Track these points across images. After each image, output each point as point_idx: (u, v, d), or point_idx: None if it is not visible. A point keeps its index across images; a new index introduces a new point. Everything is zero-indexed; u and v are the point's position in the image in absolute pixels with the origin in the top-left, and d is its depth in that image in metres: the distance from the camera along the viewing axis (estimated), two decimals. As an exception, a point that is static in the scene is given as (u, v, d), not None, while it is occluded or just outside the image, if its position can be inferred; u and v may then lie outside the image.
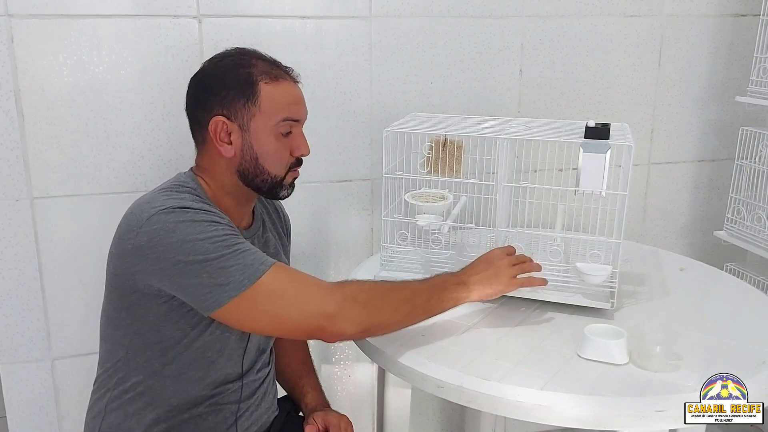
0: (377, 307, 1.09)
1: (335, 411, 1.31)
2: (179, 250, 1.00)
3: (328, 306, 1.04)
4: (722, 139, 2.03)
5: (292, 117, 1.15)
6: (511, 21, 1.76)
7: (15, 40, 1.46)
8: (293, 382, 1.37)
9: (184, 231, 1.01)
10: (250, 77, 1.12)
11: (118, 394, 1.13)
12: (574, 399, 1.01)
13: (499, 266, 1.20)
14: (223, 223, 1.05)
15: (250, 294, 1.01)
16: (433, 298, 1.14)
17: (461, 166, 1.39)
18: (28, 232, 1.55)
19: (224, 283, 1.00)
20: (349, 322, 1.05)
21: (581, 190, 1.24)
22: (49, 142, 1.52)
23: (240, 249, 1.02)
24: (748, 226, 1.90)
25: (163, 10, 1.53)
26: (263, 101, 1.12)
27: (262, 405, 1.24)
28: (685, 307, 1.35)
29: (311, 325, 1.04)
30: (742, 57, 1.96)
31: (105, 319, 1.15)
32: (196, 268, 1.00)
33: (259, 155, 1.14)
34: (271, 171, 1.15)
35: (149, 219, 1.02)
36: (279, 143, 1.15)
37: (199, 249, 1.00)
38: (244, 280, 1.00)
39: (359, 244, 1.81)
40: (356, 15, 1.66)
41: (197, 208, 1.04)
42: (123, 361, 1.12)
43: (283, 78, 1.15)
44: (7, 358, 1.60)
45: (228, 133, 1.13)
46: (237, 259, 1.01)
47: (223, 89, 1.12)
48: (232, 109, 1.12)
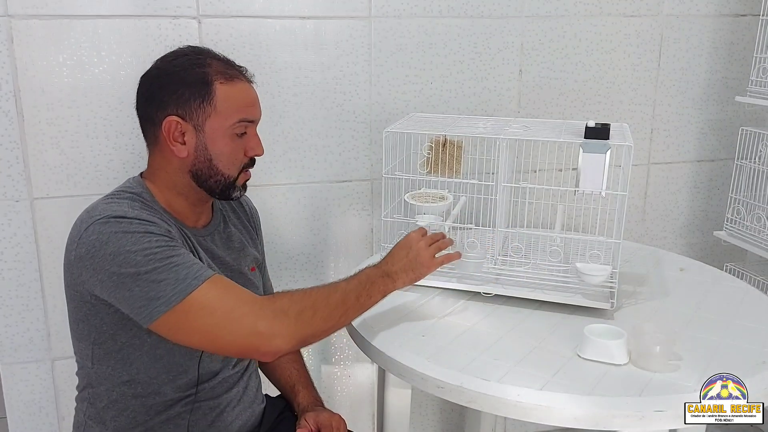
0: (308, 318, 1.06)
1: (327, 410, 1.30)
2: (113, 261, 0.99)
3: (259, 324, 1.01)
4: (722, 139, 2.03)
5: (247, 118, 1.14)
6: (510, 21, 1.76)
7: (15, 40, 1.46)
8: (284, 381, 1.37)
9: (116, 243, 0.99)
10: (205, 77, 1.10)
11: (92, 404, 1.13)
12: (574, 399, 1.01)
13: (417, 250, 1.21)
14: (157, 234, 1.02)
15: (181, 309, 0.98)
16: (362, 296, 1.14)
17: (461, 166, 1.39)
18: (28, 232, 1.55)
19: (155, 298, 0.98)
20: (282, 339, 1.02)
21: (581, 191, 1.24)
22: (49, 142, 1.52)
23: (173, 262, 1.00)
24: (748, 226, 1.90)
25: (162, 10, 1.53)
26: (219, 102, 1.10)
27: (244, 399, 1.22)
28: (685, 307, 1.35)
29: (244, 345, 1.02)
30: (742, 57, 1.96)
31: (72, 332, 1.14)
32: (128, 281, 0.99)
33: (213, 156, 1.12)
34: (225, 172, 1.14)
35: (86, 229, 1.02)
36: (234, 144, 1.13)
37: (131, 261, 0.98)
38: (174, 295, 0.98)
39: (359, 244, 1.81)
40: (356, 15, 1.66)
41: (132, 217, 1.02)
42: (91, 372, 1.12)
43: (238, 78, 1.14)
44: (7, 358, 1.60)
45: (182, 133, 1.11)
46: (169, 273, 0.99)
47: (179, 88, 1.10)
48: (186, 109, 1.10)
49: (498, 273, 1.39)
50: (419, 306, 1.34)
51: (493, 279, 1.38)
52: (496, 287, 1.35)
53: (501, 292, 1.35)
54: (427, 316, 1.30)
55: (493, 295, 1.36)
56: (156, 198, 1.13)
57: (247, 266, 1.26)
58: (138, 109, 1.16)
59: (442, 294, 1.39)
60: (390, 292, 1.18)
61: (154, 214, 1.07)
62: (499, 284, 1.37)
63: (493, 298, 1.35)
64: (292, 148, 1.68)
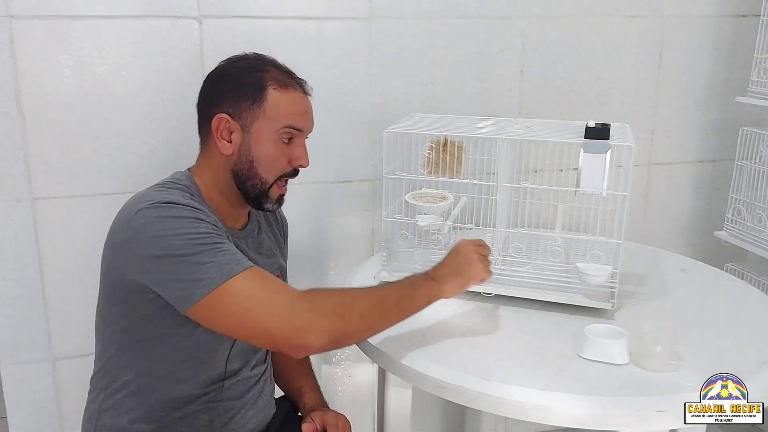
0: (344, 315, 1.04)
1: (333, 410, 1.31)
2: (158, 244, 1.00)
3: (295, 317, 1.00)
4: (723, 139, 2.03)
5: (294, 126, 1.16)
6: (511, 22, 1.76)
7: (16, 41, 1.46)
8: (291, 383, 1.37)
9: (166, 226, 1.01)
10: (260, 80, 1.14)
11: (110, 393, 1.13)
12: (575, 399, 1.01)
13: (466, 254, 1.18)
14: (206, 221, 1.04)
15: (222, 292, 0.99)
16: (404, 298, 1.10)
17: (462, 166, 1.39)
18: (29, 233, 1.55)
19: (198, 279, 0.99)
20: (315, 334, 1.01)
21: (582, 191, 1.24)
22: (51, 143, 1.52)
23: (219, 248, 1.01)
24: (749, 226, 1.90)
25: (163, 11, 1.53)
26: (268, 106, 1.13)
27: (258, 403, 1.23)
28: (686, 307, 1.35)
29: (278, 335, 1.01)
30: (743, 57, 1.96)
31: (98, 317, 1.16)
32: (172, 262, 1.00)
33: (255, 158, 1.14)
34: (263, 176, 1.16)
35: (137, 213, 1.03)
36: (277, 150, 1.15)
37: (177, 244, 1.00)
38: (216, 278, 0.99)
39: (360, 244, 1.81)
40: (357, 16, 1.66)
41: (184, 204, 1.04)
42: (113, 359, 1.12)
43: (293, 87, 1.16)
44: (8, 358, 1.60)
45: (229, 132, 1.14)
46: (213, 257, 1.00)
47: (233, 88, 1.14)
48: (237, 109, 1.14)
49: (499, 273, 1.39)
50: (420, 306, 1.34)
51: (493, 279, 1.38)
52: (497, 287, 1.36)
53: (501, 292, 1.35)
54: (428, 316, 1.29)
55: (493, 295, 1.36)
56: (202, 193, 1.15)
57: (273, 273, 1.27)
58: (197, 105, 1.20)
59: (442, 294, 1.38)
60: (436, 297, 1.14)
61: (202, 206, 1.09)
62: (500, 284, 1.37)
63: (494, 298, 1.35)
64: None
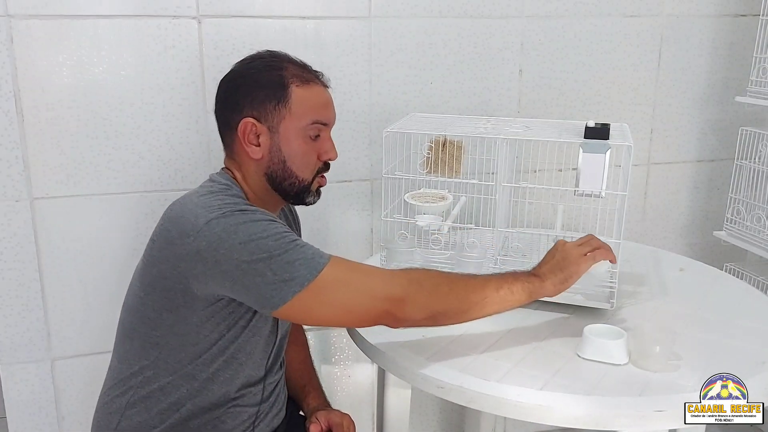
0: (444, 293, 1.06)
1: (338, 410, 1.31)
2: (243, 250, 0.99)
3: (395, 290, 1.04)
4: (722, 139, 2.03)
5: (321, 120, 1.15)
6: (510, 21, 1.76)
7: (15, 40, 1.46)
8: (295, 383, 1.37)
9: (246, 232, 1.00)
10: (281, 79, 1.12)
11: (143, 392, 1.11)
12: (574, 399, 1.01)
13: (565, 250, 1.18)
14: (278, 221, 1.05)
15: (315, 286, 1.00)
16: (503, 288, 1.11)
17: (461, 166, 1.39)
18: (28, 232, 1.55)
19: (289, 279, 0.99)
20: (415, 307, 1.04)
21: (581, 191, 1.24)
22: (49, 142, 1.52)
23: (299, 244, 1.02)
24: (748, 226, 1.90)
25: (162, 10, 1.53)
26: (294, 103, 1.12)
27: (275, 407, 1.23)
28: (685, 307, 1.35)
29: (378, 310, 1.04)
30: (742, 57, 1.96)
31: (138, 319, 1.12)
32: (261, 266, 0.99)
33: (287, 158, 1.13)
34: (299, 174, 1.15)
35: (208, 223, 1.00)
36: (307, 146, 1.15)
37: (263, 247, 0.99)
38: (307, 274, 1.00)
39: (359, 244, 1.81)
40: (356, 15, 1.66)
41: (254, 209, 1.05)
42: (155, 360, 1.10)
43: (313, 82, 1.16)
44: (7, 358, 1.60)
45: (257, 135, 1.12)
46: (299, 254, 1.01)
47: (254, 90, 1.12)
48: (262, 111, 1.12)
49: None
50: (419, 306, 1.34)
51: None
52: (496, 287, 1.35)
53: (501, 292, 1.35)
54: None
55: (493, 295, 1.35)
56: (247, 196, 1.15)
57: None
58: (216, 112, 1.18)
59: (442, 294, 1.38)
60: (538, 293, 1.14)
61: None
62: (499, 284, 1.36)
63: (493, 298, 1.35)
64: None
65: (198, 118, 1.59)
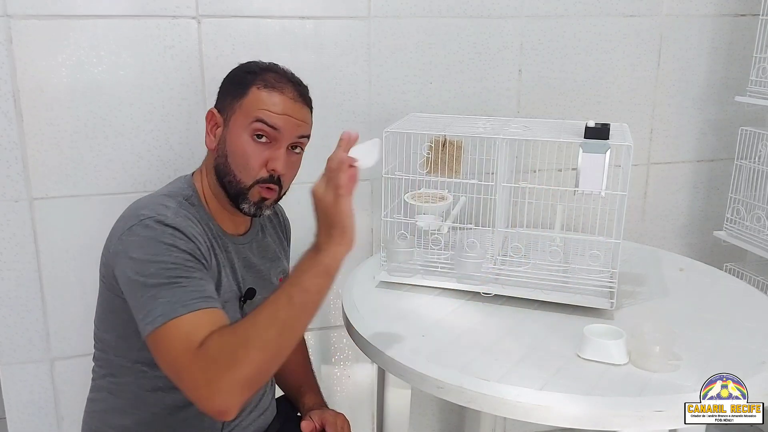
0: (243, 357, 0.91)
1: (332, 409, 1.31)
2: (133, 266, 1.00)
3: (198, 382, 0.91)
4: (721, 139, 2.03)
5: (265, 120, 1.10)
6: (510, 21, 1.76)
7: (14, 40, 1.45)
8: (291, 383, 1.37)
9: (144, 249, 1.00)
10: (248, 80, 1.14)
11: (111, 394, 1.14)
12: (574, 399, 1.01)
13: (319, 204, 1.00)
14: (181, 249, 1.01)
15: (160, 333, 0.95)
16: (295, 295, 0.95)
17: (460, 166, 1.39)
18: (27, 233, 1.55)
19: (149, 313, 0.96)
20: (222, 396, 0.90)
21: (580, 190, 1.24)
22: (48, 142, 1.52)
23: (179, 283, 0.98)
24: (748, 226, 1.90)
25: (161, 10, 1.52)
26: (247, 101, 1.12)
27: (260, 405, 1.23)
28: (685, 307, 1.34)
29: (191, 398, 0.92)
30: (742, 57, 1.96)
31: (96, 321, 1.16)
32: (138, 288, 0.99)
33: (230, 153, 1.13)
34: (237, 174, 1.12)
35: (130, 228, 1.03)
36: (252, 147, 1.11)
37: (146, 271, 0.98)
38: (160, 317, 0.95)
39: (359, 244, 1.79)
40: (355, 15, 1.66)
41: (169, 224, 1.02)
42: (113, 363, 1.13)
43: (280, 90, 1.13)
44: (7, 358, 1.60)
45: (215, 125, 1.16)
46: (168, 292, 0.96)
47: (226, 85, 1.17)
48: (223, 103, 1.16)
49: (497, 273, 1.39)
50: (419, 306, 1.34)
51: (492, 279, 1.38)
52: (496, 287, 1.35)
53: (501, 292, 1.35)
54: (427, 316, 1.30)
55: (492, 295, 1.35)
56: (201, 199, 1.16)
57: (276, 277, 1.28)
58: None
59: (441, 294, 1.39)
60: (332, 264, 0.97)
61: (197, 225, 1.08)
62: (499, 284, 1.36)
63: (493, 298, 1.35)
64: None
65: (197, 119, 1.59)
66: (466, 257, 1.38)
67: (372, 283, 1.43)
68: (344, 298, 1.38)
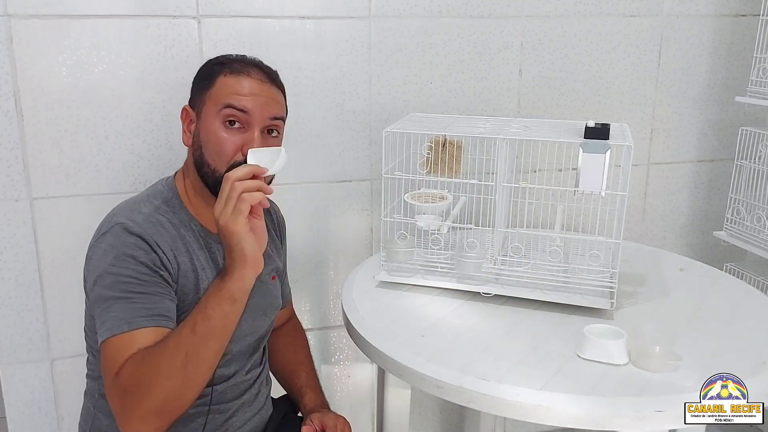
0: (153, 386, 0.93)
1: (333, 412, 1.30)
2: (94, 274, 1.03)
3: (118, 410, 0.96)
4: (722, 139, 2.03)
5: (234, 104, 1.09)
6: (510, 21, 1.76)
7: (14, 40, 1.46)
8: (292, 383, 1.37)
9: (105, 259, 1.02)
10: (214, 70, 1.14)
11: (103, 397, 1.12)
12: (574, 399, 1.01)
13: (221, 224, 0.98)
14: (139, 261, 1.01)
15: (104, 347, 0.99)
16: (198, 323, 0.96)
17: (461, 166, 1.39)
18: (27, 232, 1.55)
19: (101, 325, 1.00)
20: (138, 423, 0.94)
21: (581, 191, 1.24)
22: (49, 142, 1.52)
23: (130, 298, 0.99)
24: (748, 226, 1.90)
25: (162, 10, 1.53)
26: (215, 89, 1.12)
27: (254, 404, 1.23)
28: (685, 307, 1.34)
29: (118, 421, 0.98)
30: (742, 57, 1.96)
31: (85, 327, 1.17)
32: (96, 298, 1.02)
33: (204, 143, 1.12)
34: (211, 163, 1.10)
35: (102, 235, 1.05)
36: (224, 134, 1.09)
37: (104, 282, 1.01)
38: (106, 331, 0.98)
39: (359, 244, 1.81)
40: (355, 15, 1.66)
41: (134, 233, 1.03)
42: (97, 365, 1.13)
43: (246, 74, 1.12)
44: (7, 358, 1.60)
45: (190, 121, 1.16)
46: (119, 306, 0.99)
47: (196, 80, 1.17)
48: (194, 98, 1.16)
49: (498, 273, 1.39)
50: (419, 306, 1.34)
51: (492, 279, 1.38)
52: (496, 287, 1.35)
53: (501, 292, 1.35)
54: (427, 316, 1.30)
55: (492, 295, 1.35)
56: (184, 202, 1.15)
57: (267, 275, 1.27)
58: None
59: (441, 294, 1.39)
60: (238, 290, 0.98)
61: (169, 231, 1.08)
62: (499, 284, 1.36)
63: (493, 298, 1.35)
64: (291, 147, 1.68)
65: (198, 118, 1.59)
66: (466, 257, 1.38)
67: (372, 283, 1.43)
68: (344, 298, 1.38)
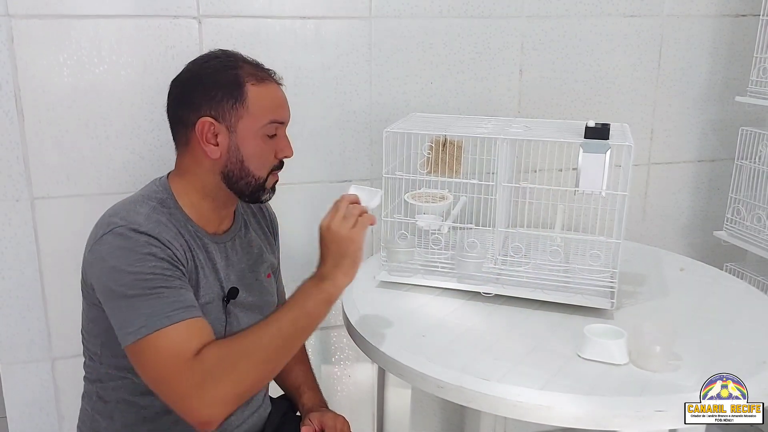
0: (244, 370, 0.99)
1: (332, 411, 1.30)
2: (110, 276, 1.01)
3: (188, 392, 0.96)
4: (722, 139, 2.03)
5: (278, 119, 1.15)
6: (511, 21, 1.76)
7: (15, 40, 1.46)
8: (290, 382, 1.37)
9: (118, 258, 1.01)
10: (237, 78, 1.12)
11: (101, 398, 1.14)
12: (574, 399, 1.01)
13: (334, 234, 1.07)
14: (158, 257, 1.02)
15: (143, 345, 0.98)
16: (300, 318, 1.04)
17: (461, 166, 1.39)
18: (28, 232, 1.55)
19: (129, 324, 0.99)
20: (212, 408, 0.96)
21: (581, 190, 1.24)
22: (50, 142, 1.52)
23: (158, 293, 0.99)
24: (748, 226, 1.90)
25: (163, 10, 1.53)
26: (251, 103, 1.11)
27: (252, 402, 1.23)
28: (685, 307, 1.35)
29: (176, 408, 0.98)
30: (742, 57, 1.96)
31: (82, 330, 1.16)
32: (117, 299, 1.00)
33: (245, 157, 1.13)
34: (256, 173, 1.14)
35: (102, 237, 1.03)
36: (264, 145, 1.14)
37: (123, 281, 1.00)
38: (142, 328, 0.98)
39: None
40: (356, 15, 1.66)
41: (143, 232, 1.03)
42: (99, 370, 1.13)
43: (268, 80, 1.15)
44: (8, 358, 1.60)
45: (215, 134, 1.11)
46: (148, 303, 0.99)
47: (211, 90, 1.11)
48: (219, 110, 1.11)
49: (498, 273, 1.39)
50: (419, 306, 1.34)
51: (493, 279, 1.38)
52: (496, 287, 1.36)
53: (501, 292, 1.35)
54: (427, 316, 1.30)
55: (493, 295, 1.36)
56: (180, 203, 1.13)
57: (263, 272, 1.27)
58: (168, 111, 1.18)
59: (442, 294, 1.39)
60: (335, 294, 1.07)
61: (171, 228, 1.08)
62: (499, 284, 1.37)
63: (493, 298, 1.35)
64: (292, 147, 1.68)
65: (198, 118, 1.59)
66: (466, 257, 1.38)
67: (372, 283, 1.43)
68: (344, 298, 1.38)
